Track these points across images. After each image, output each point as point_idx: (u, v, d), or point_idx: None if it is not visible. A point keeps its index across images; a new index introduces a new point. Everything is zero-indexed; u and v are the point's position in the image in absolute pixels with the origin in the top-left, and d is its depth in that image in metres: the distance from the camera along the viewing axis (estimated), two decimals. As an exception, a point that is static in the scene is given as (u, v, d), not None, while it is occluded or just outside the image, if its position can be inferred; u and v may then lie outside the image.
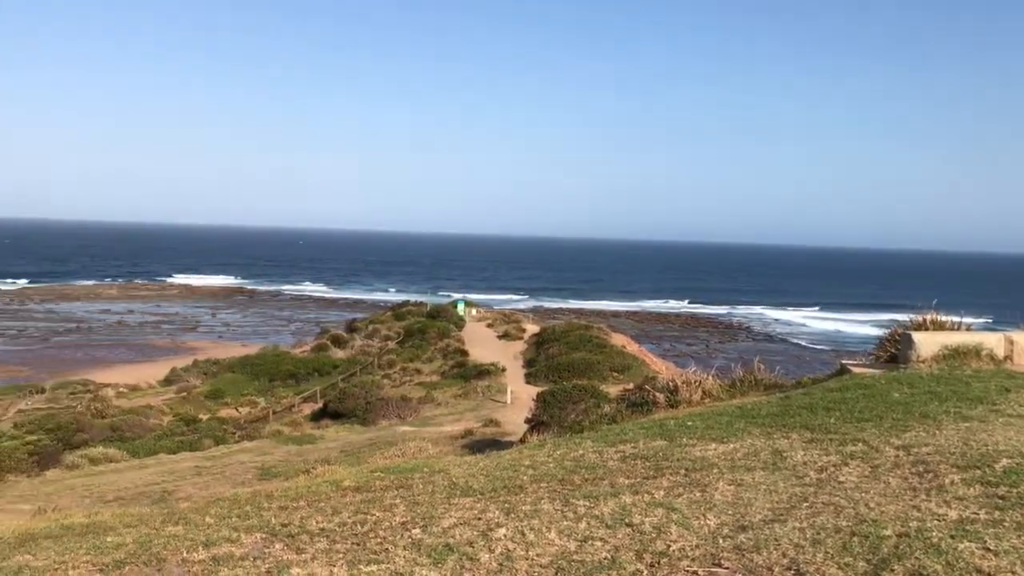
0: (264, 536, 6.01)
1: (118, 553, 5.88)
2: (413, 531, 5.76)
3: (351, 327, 62.19)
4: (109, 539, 6.56)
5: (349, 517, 6.41)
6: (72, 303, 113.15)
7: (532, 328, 55.56)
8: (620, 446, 8.70)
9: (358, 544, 5.57)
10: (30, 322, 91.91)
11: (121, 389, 47.31)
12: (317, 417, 35.85)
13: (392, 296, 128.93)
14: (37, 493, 18.90)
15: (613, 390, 25.12)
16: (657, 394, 12.42)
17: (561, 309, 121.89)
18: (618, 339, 47.30)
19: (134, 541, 6.33)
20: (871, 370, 11.77)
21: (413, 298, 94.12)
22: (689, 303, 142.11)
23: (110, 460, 24.88)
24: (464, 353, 45.63)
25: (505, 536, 5.43)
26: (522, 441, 16.13)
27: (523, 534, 5.45)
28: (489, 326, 58.63)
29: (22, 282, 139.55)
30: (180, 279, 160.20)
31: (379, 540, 5.60)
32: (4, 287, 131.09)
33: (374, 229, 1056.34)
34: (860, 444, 7.57)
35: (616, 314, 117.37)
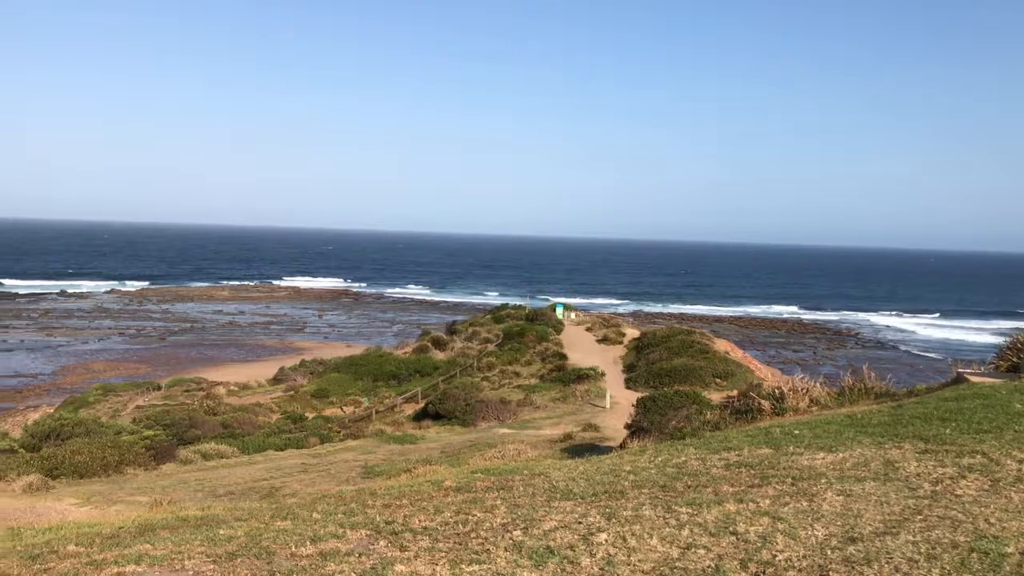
0: (369, 533, 6.13)
1: (230, 545, 6.09)
2: (514, 533, 5.78)
3: (451, 329, 62.92)
4: (221, 531, 6.80)
5: (451, 517, 6.48)
6: (187, 304, 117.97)
7: (632, 333, 55.09)
8: (724, 453, 8.54)
9: (460, 544, 5.62)
10: (148, 322, 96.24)
11: (232, 387, 49.01)
12: (418, 417, 36.38)
13: (491, 299, 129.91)
14: (153, 486, 19.72)
15: (716, 396, 24.69)
16: (762, 401, 12.15)
17: (662, 314, 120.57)
18: (721, 345, 46.42)
19: (245, 534, 6.54)
20: (990, 379, 11.25)
21: (512, 301, 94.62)
22: (800, 308, 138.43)
23: (221, 456, 25.77)
24: (563, 357, 45.57)
25: (606, 541, 5.40)
26: (622, 446, 16.01)
27: (624, 539, 5.41)
28: (588, 330, 58.38)
29: (141, 284, 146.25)
30: (289, 281, 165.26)
31: (480, 540, 5.65)
32: (125, 288, 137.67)
33: (477, 233, 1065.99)
34: (979, 456, 7.24)
35: (719, 319, 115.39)
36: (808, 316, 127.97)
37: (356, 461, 22.77)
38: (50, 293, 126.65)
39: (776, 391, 12.44)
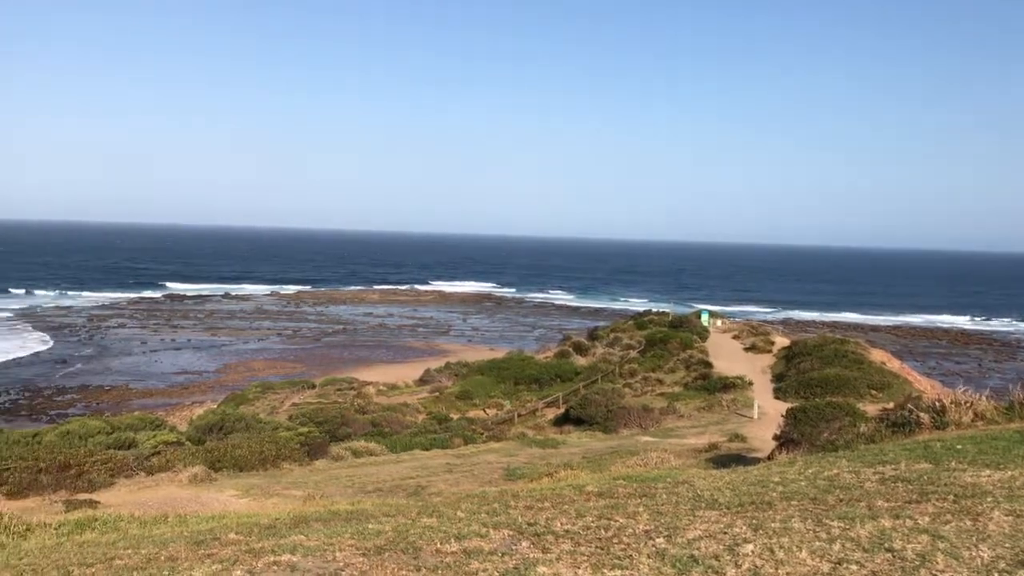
0: (511, 533, 6.19)
1: (379, 540, 6.28)
2: (657, 540, 5.71)
3: (593, 335, 62.75)
4: (371, 526, 7.03)
5: (593, 521, 6.47)
6: (339, 307, 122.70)
7: (781, 341, 53.37)
8: (879, 467, 8.16)
9: (602, 548, 5.60)
10: (303, 323, 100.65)
11: (381, 387, 50.53)
12: (559, 422, 36.46)
13: (634, 305, 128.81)
14: (307, 481, 20.57)
15: (871, 409, 23.64)
16: (921, 414, 11.53)
17: (814, 322, 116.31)
18: (877, 355, 44.31)
19: (392, 529, 6.74)
20: None
21: (655, 307, 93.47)
22: (969, 317, 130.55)
23: (370, 453, 26.62)
24: (708, 365, 44.65)
25: (753, 552, 5.26)
26: (770, 458, 15.56)
27: (772, 551, 5.25)
28: (735, 338, 56.97)
29: (298, 287, 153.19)
30: (435, 285, 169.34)
31: (623, 546, 5.60)
32: (283, 291, 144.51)
33: (622, 238, 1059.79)
34: None
35: (876, 328, 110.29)
36: (973, 327, 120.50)
37: (498, 463, 23.04)
38: (215, 295, 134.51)
39: (936, 404, 11.79)
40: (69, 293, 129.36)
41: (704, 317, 63.97)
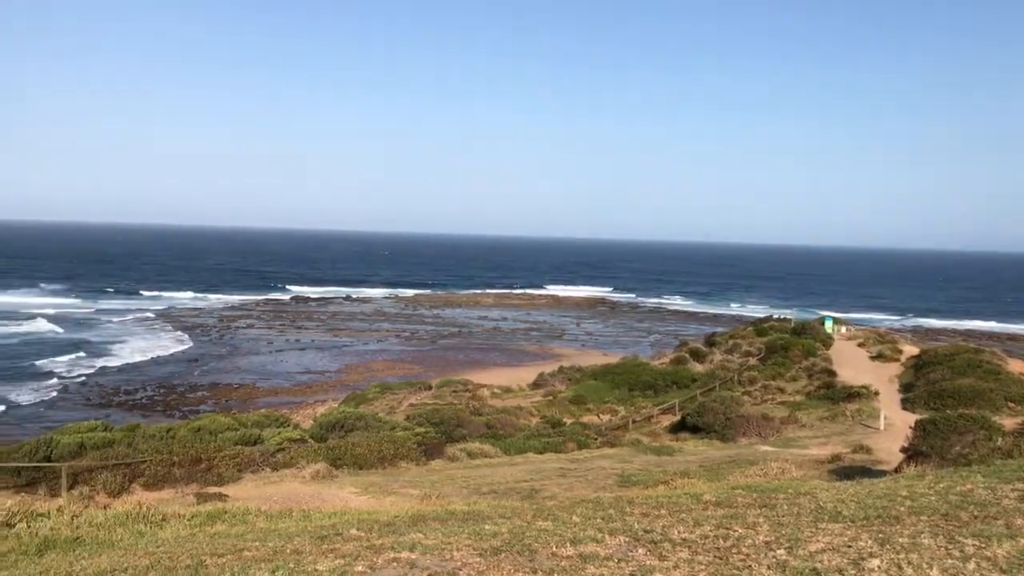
0: (627, 540, 6.15)
1: (495, 540, 6.35)
2: (777, 552, 5.58)
3: (710, 341, 61.64)
4: (487, 527, 7.11)
5: (711, 530, 6.36)
6: (455, 309, 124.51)
7: (910, 350, 51.12)
8: (1018, 484, 7.73)
9: (720, 558, 5.50)
10: (420, 326, 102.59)
11: (495, 390, 50.96)
12: (675, 429, 35.96)
13: (753, 311, 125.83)
14: (423, 480, 20.94)
15: (1008, 423, 22.47)
16: (1065, 429, 10.86)
17: (945, 330, 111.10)
18: (1016, 365, 41.94)
19: (508, 531, 6.80)
20: None
21: (776, 313, 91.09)
22: None
23: (485, 455, 26.87)
24: (832, 373, 43.21)
25: (879, 568, 5.07)
26: (897, 470, 14.96)
27: (900, 567, 5.05)
28: (860, 345, 54.90)
29: (415, 291, 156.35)
30: (549, 289, 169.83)
31: (742, 556, 5.50)
32: (401, 294, 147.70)
33: (739, 242, 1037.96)
34: None
35: (1014, 337, 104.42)
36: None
37: (613, 469, 22.92)
38: (337, 298, 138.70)
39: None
40: (202, 295, 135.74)
41: (828, 324, 61.93)
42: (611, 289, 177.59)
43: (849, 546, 5.62)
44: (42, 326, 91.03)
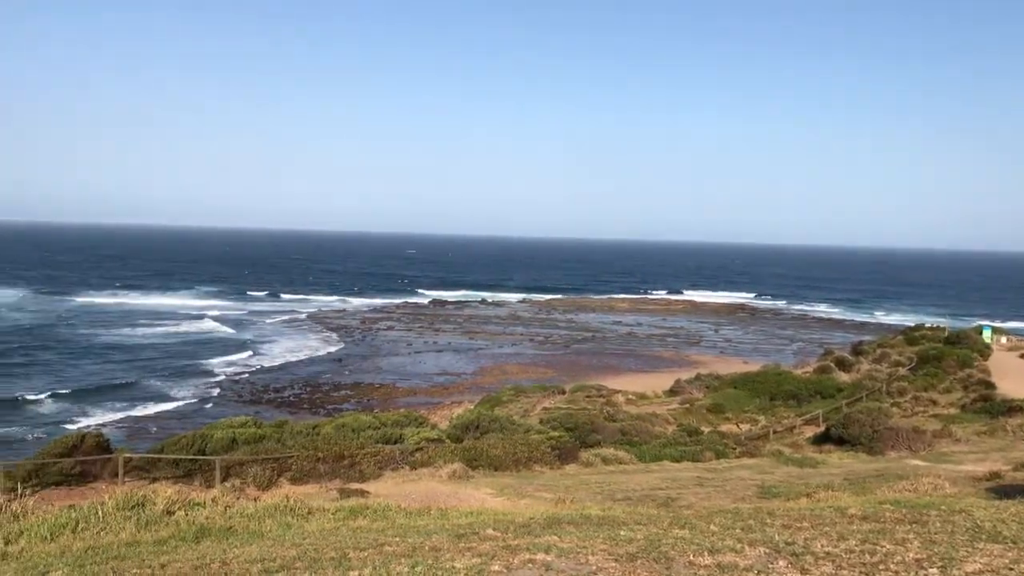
0: (767, 551, 5.99)
1: (630, 547, 6.30)
2: (929, 570, 5.31)
3: (857, 350, 59.19)
4: (622, 533, 7.07)
5: (856, 545, 6.12)
6: (588, 314, 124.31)
7: (1082, 362, 47.62)
8: None
9: (866, 574, 5.29)
10: (554, 330, 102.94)
11: (630, 396, 50.55)
12: (818, 441, 34.68)
13: (900, 319, 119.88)
14: (557, 484, 20.97)
15: None
16: None
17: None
18: None
19: (644, 538, 6.73)
20: None
21: (928, 321, 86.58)
22: None
23: (619, 461, 26.67)
24: (990, 385, 40.72)
25: (1045, 594, 4.74)
26: (1065, 491, 13.95)
27: (1068, 595, 4.71)
28: (1022, 356, 51.56)
29: (549, 295, 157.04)
30: (687, 295, 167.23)
31: (890, 573, 5.27)
32: (535, 298, 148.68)
33: (892, 246, 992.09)
34: None
35: None
36: None
37: (752, 479, 22.33)
38: (472, 301, 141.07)
39: None
40: (345, 298, 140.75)
41: (986, 333, 58.44)
42: (753, 295, 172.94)
43: (1011, 568, 5.29)
44: (209, 326, 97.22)
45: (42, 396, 55.55)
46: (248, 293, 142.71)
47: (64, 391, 57.37)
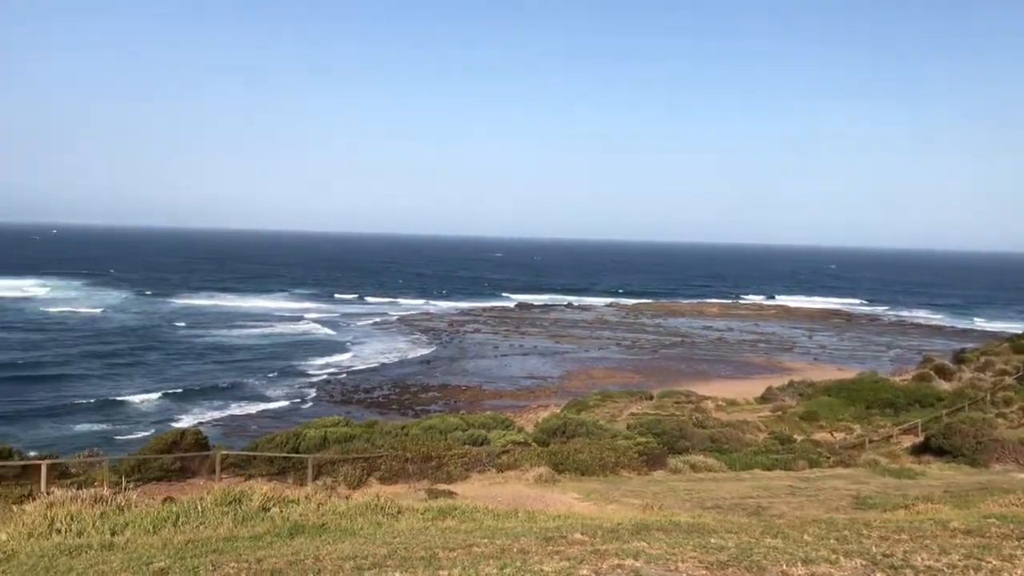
0: (864, 563, 5.82)
1: (721, 555, 6.20)
2: (1040, 589, 5.07)
3: (959, 358, 56.96)
4: (712, 540, 6.96)
5: (959, 560, 5.89)
6: (677, 319, 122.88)
7: None
8: None
9: (971, 591, 5.08)
10: (641, 334, 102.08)
11: (720, 402, 49.80)
12: (917, 451, 33.49)
13: (1004, 326, 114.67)
14: (645, 490, 20.77)
15: None
16: None
17: None
18: None
19: (735, 546, 6.62)
20: None
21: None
22: None
23: (709, 469, 26.28)
24: (1104, 397, 38.71)
25: None
26: None
27: None
28: None
29: (636, 300, 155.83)
30: (779, 300, 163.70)
31: (997, 591, 5.04)
32: (622, 302, 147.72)
33: (1011, 250, 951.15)
34: None
35: None
36: None
37: (847, 490, 21.72)
38: (558, 305, 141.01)
39: None
40: (432, 301, 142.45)
41: (1099, 342, 55.52)
42: (851, 300, 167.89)
43: None
44: (304, 328, 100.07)
45: (146, 395, 57.89)
46: (335, 296, 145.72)
47: (166, 390, 59.69)
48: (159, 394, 58.24)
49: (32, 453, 23.82)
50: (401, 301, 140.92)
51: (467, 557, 6.71)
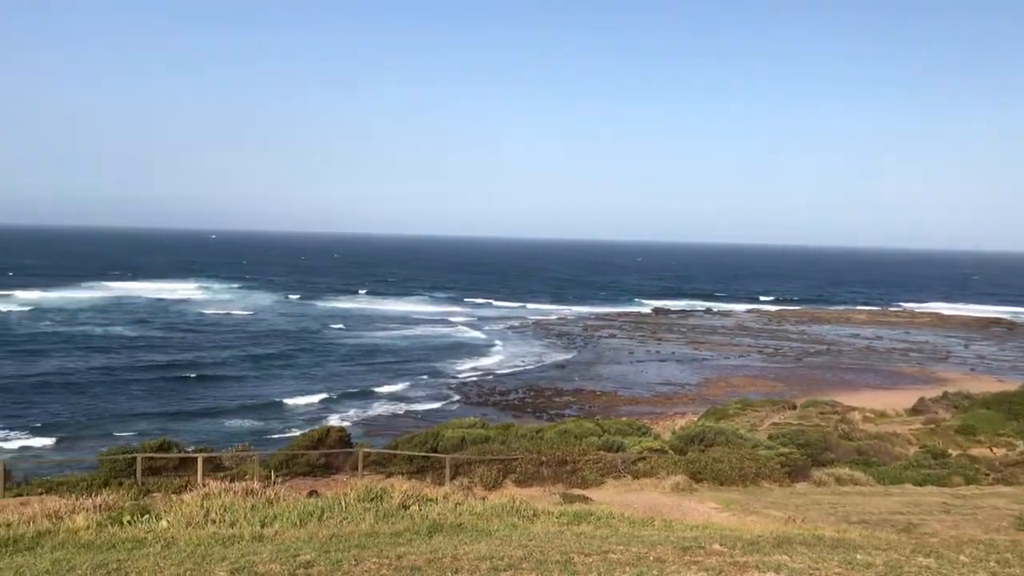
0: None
1: (868, 572, 5.94)
2: None
3: None
4: (859, 556, 6.67)
5: None
6: (823, 326, 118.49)
7: None
8: None
9: None
10: (784, 342, 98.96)
11: (867, 413, 47.81)
12: (1089, 471, 31.12)
13: None
14: (787, 502, 20.13)
15: None
16: None
17: None
18: None
19: (883, 563, 6.32)
20: None
21: None
22: None
23: (855, 482, 25.23)
24: None
25: None
26: None
27: None
28: None
29: (778, 306, 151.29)
30: (931, 307, 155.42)
31: None
32: (763, 308, 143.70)
33: None
34: None
35: None
36: None
37: (1008, 509, 20.39)
38: (697, 311, 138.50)
39: None
40: (566, 306, 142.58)
41: None
42: (1016, 308, 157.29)
43: None
44: (444, 331, 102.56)
45: (297, 394, 60.52)
46: (465, 300, 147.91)
47: (315, 389, 62.20)
48: (309, 394, 60.75)
49: (190, 448, 25.31)
50: (530, 305, 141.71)
51: (603, 563, 6.68)
